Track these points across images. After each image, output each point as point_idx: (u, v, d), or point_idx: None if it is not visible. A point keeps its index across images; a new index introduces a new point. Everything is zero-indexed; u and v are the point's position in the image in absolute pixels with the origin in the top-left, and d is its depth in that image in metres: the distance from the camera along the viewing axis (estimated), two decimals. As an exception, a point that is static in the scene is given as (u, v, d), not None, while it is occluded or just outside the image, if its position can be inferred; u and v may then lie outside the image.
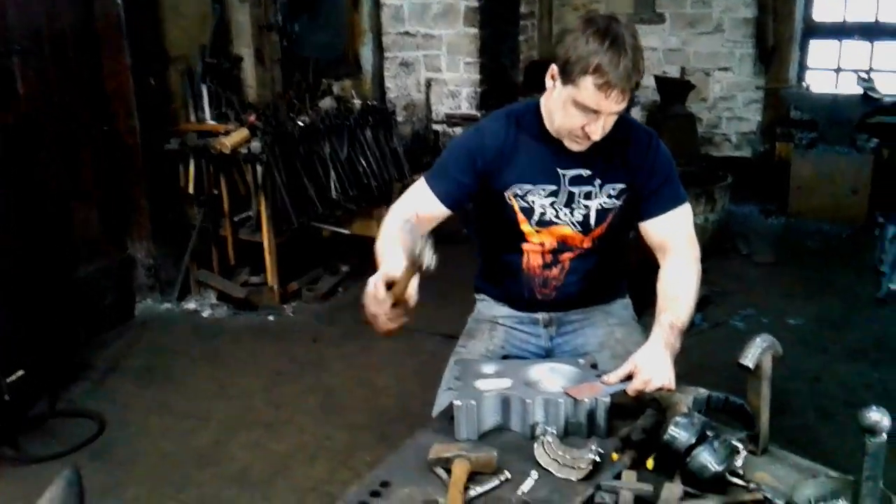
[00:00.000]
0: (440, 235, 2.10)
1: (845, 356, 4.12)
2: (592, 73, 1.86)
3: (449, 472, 1.72)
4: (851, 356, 4.12)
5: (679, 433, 1.67)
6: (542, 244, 2.17)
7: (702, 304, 4.64)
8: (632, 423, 1.86)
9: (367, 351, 4.37)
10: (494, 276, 2.34)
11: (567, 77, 1.92)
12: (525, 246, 2.19)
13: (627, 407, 1.91)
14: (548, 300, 2.25)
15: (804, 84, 7.22)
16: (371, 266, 1.99)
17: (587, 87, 1.88)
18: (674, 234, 2.12)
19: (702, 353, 3.92)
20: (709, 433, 1.68)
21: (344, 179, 5.20)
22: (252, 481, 3.22)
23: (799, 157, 6.44)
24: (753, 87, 7.61)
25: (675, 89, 7.35)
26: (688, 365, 2.28)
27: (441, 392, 2.24)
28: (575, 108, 1.94)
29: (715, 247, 5.42)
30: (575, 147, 2.06)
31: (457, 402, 1.86)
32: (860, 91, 6.23)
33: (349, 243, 5.53)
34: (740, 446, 1.71)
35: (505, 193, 2.14)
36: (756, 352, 1.76)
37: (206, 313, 4.91)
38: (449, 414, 1.98)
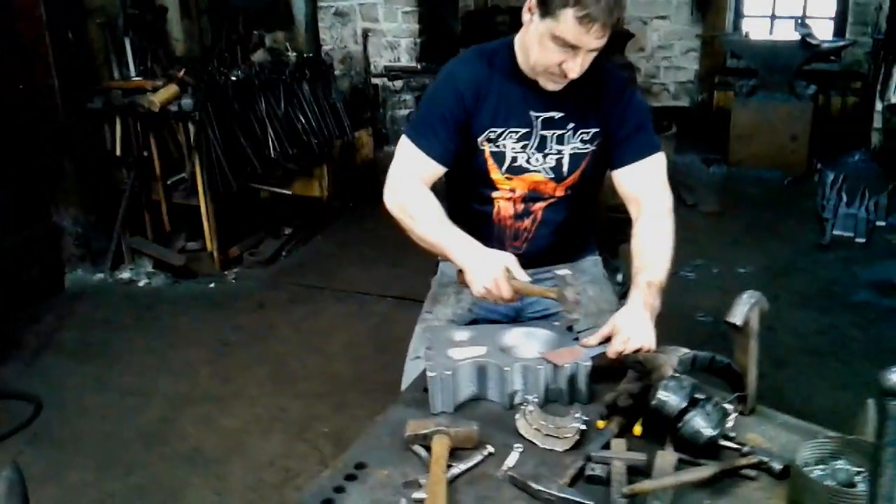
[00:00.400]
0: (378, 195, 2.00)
1: (796, 303, 4.15)
2: (573, 6, 1.74)
3: (428, 449, 1.61)
4: (802, 303, 4.16)
5: (669, 397, 1.59)
6: (512, 190, 2.06)
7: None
8: (614, 386, 1.77)
9: (317, 316, 4.22)
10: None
11: (546, 9, 1.80)
12: (495, 195, 2.07)
13: (608, 370, 1.83)
14: (517, 255, 2.12)
15: (742, 31, 7.22)
16: (315, 227, 1.85)
17: (567, 20, 1.76)
18: (647, 185, 2.03)
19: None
20: (699, 396, 1.60)
21: (282, 137, 4.98)
22: (204, 459, 3.07)
23: (739, 105, 6.46)
24: (691, 36, 7.60)
25: (614, 39, 7.26)
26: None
27: (409, 362, 2.12)
28: (553, 43, 1.82)
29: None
30: (550, 86, 1.94)
31: (431, 374, 1.74)
32: (798, 37, 6.24)
33: (291, 204, 5.34)
34: (730, 408, 1.64)
35: (478, 139, 2.02)
36: (744, 309, 1.69)
37: (142, 283, 4.67)
38: (420, 386, 1.86)
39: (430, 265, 2.31)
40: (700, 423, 1.55)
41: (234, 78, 4.70)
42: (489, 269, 1.80)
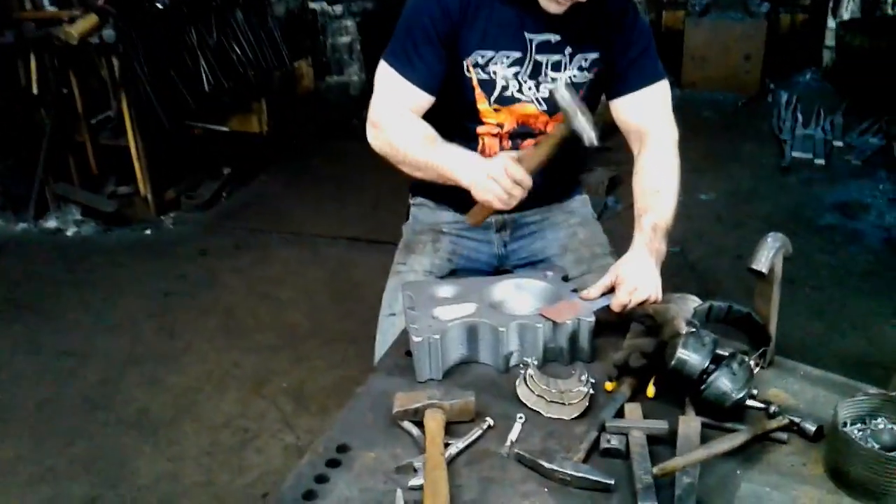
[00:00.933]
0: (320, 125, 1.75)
1: (761, 229, 4.00)
2: None
3: (419, 425, 1.42)
4: (767, 229, 4.02)
5: (689, 356, 1.42)
6: (500, 125, 1.83)
7: (612, 185, 4.46)
8: (617, 342, 1.60)
9: (265, 262, 3.97)
10: None
11: None
12: (481, 130, 1.85)
13: (609, 324, 1.65)
14: None
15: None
16: (257, 165, 1.60)
17: None
18: (651, 115, 1.83)
19: (619, 236, 3.73)
20: (721, 352, 1.44)
21: (216, 69, 4.60)
22: (153, 424, 2.83)
23: (692, 25, 6.27)
24: (640, -47, 7.30)
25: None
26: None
27: (384, 318, 1.90)
28: None
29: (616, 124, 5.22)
30: (553, 7, 1.70)
31: (416, 338, 1.53)
32: (751, -47, 6.04)
33: (228, 142, 4.98)
34: (752, 363, 1.48)
35: (464, 62, 1.78)
36: (768, 254, 1.53)
37: (70, 232, 4.32)
38: (401, 348, 1.66)
39: (385, 202, 2.02)
40: (726, 384, 1.39)
41: (160, 6, 4.27)
42: (496, 169, 1.63)
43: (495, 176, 1.63)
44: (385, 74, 1.79)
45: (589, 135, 1.67)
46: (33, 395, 2.99)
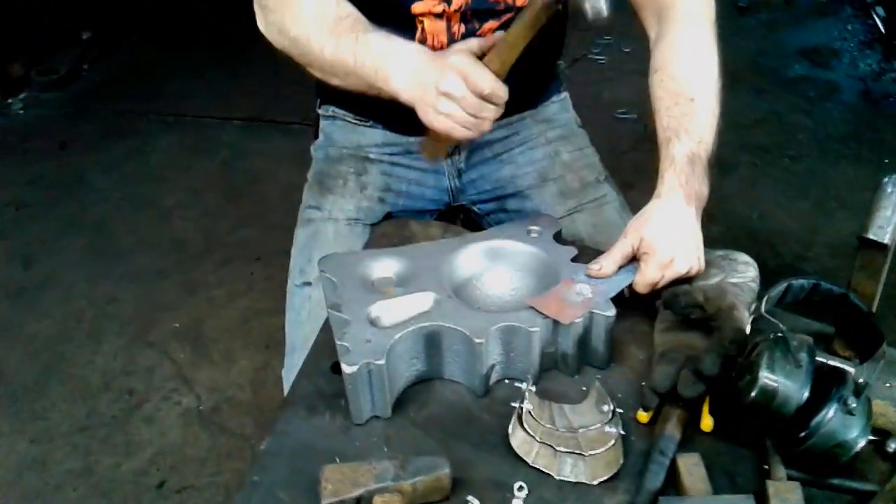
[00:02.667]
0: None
1: (725, 85, 3.52)
2: None
3: (364, 518, 0.89)
4: (732, 85, 3.47)
5: (779, 382, 0.92)
6: (445, 2, 1.20)
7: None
8: (640, 327, 1.10)
9: (141, 154, 3.28)
10: None
11: None
12: (417, 8, 1.21)
13: (624, 299, 1.12)
14: None
15: None
16: (124, 26, 0.96)
17: None
18: None
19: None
20: (820, 360, 0.94)
21: None
22: (8, 390, 2.26)
23: None
24: None
25: None
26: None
27: (293, 290, 1.33)
28: None
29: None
30: None
31: (349, 369, 0.97)
32: None
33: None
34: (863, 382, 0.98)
35: None
36: (892, 214, 0.98)
37: None
38: (323, 357, 1.11)
39: (289, 70, 1.32)
40: (844, 430, 0.89)
41: None
42: (450, 79, 1.06)
43: (450, 89, 1.04)
44: None
45: (595, 2, 1.06)
46: None
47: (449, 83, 1.05)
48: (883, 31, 3.77)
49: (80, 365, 2.31)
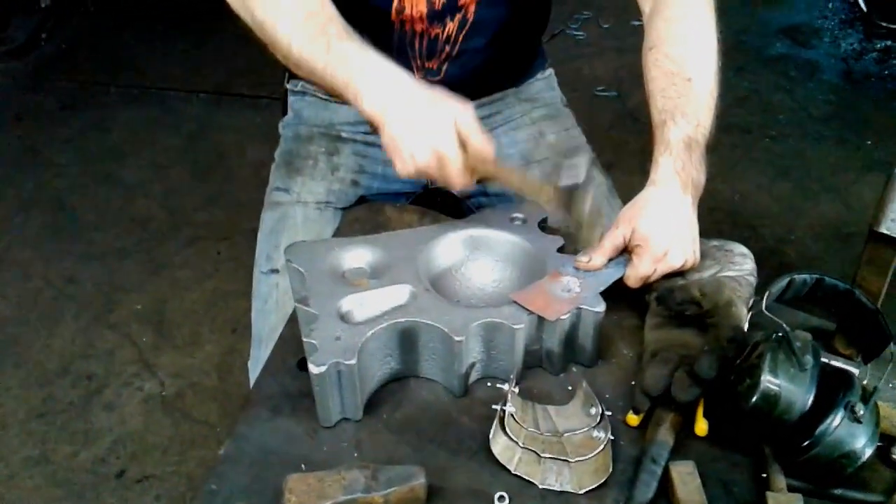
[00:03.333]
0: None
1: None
2: None
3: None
4: (713, 61, 3.48)
5: (782, 386, 0.85)
6: None
7: None
8: (629, 321, 1.03)
9: (102, 127, 3.16)
10: None
11: None
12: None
13: (611, 291, 1.05)
14: (431, 83, 1.19)
15: None
16: None
17: None
18: None
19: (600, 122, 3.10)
20: (824, 362, 0.88)
21: None
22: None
23: None
24: None
25: None
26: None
27: (260, 277, 1.25)
28: None
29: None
30: None
31: (316, 370, 0.89)
32: None
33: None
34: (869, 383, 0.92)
35: None
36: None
37: None
38: (287, 354, 1.03)
39: (254, 40, 1.22)
40: (851, 438, 0.83)
41: None
42: (428, 134, 0.97)
43: (446, 152, 0.97)
44: None
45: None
46: None
47: (447, 146, 0.96)
48: (864, 9, 3.72)
49: (37, 348, 2.23)
